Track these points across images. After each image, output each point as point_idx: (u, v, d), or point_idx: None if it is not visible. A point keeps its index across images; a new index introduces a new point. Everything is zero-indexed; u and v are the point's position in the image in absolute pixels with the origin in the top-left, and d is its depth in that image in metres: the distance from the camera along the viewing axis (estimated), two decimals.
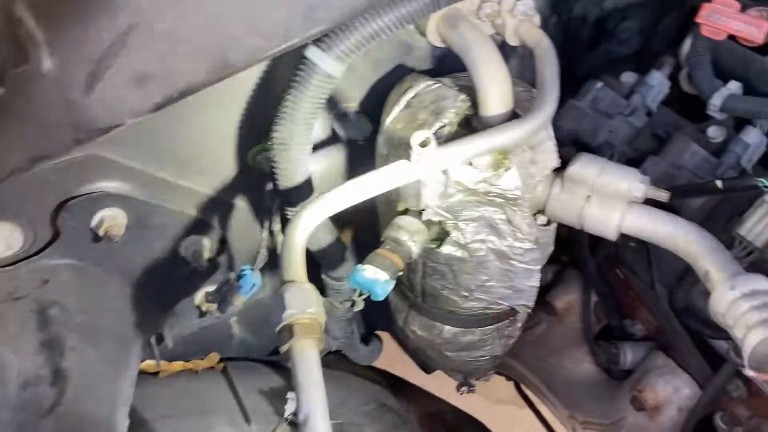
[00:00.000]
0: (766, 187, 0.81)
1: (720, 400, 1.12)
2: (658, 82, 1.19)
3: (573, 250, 1.33)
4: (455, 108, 0.87)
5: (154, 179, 0.92)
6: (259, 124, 0.95)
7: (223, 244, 1.04)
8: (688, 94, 1.20)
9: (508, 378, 1.55)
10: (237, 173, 0.99)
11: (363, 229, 1.15)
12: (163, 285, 1.03)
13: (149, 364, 1.13)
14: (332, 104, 0.99)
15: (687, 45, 1.17)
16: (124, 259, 0.96)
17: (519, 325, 1.10)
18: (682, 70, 1.20)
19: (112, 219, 0.89)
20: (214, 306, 1.01)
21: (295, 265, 0.74)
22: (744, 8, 0.94)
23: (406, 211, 0.88)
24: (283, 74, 0.92)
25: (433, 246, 0.89)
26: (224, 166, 0.97)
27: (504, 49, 1.02)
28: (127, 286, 0.99)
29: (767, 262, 1.03)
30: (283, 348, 0.69)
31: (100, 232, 0.88)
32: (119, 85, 0.63)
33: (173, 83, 0.66)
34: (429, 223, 0.87)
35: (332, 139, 1.04)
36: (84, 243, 0.91)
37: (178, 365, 1.19)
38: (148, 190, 0.92)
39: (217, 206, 1.00)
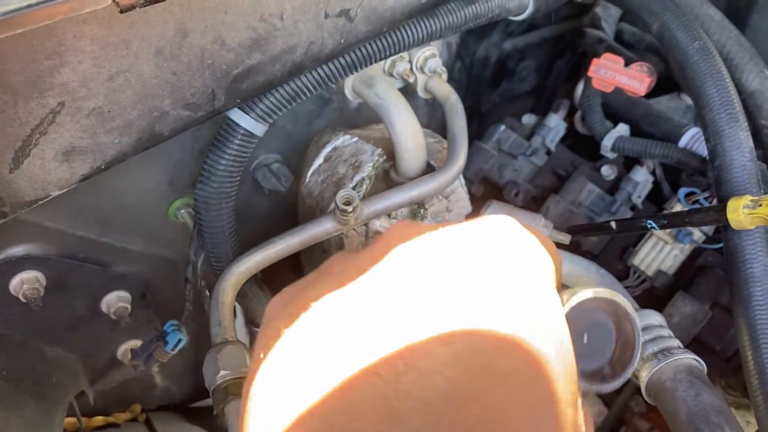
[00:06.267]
0: (653, 227, 0.90)
1: (624, 415, 1.21)
2: (555, 124, 1.29)
3: None
4: (373, 162, 0.91)
5: (75, 238, 0.91)
6: (180, 179, 0.96)
7: (145, 298, 1.03)
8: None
9: None
10: (158, 227, 0.99)
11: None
12: (84, 342, 1.02)
13: (69, 421, 1.10)
14: (254, 156, 1.01)
15: (580, 90, 1.27)
16: (44, 320, 0.94)
17: None
18: (577, 113, 1.30)
19: (31, 281, 0.88)
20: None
21: (225, 325, 0.76)
22: (627, 63, 1.04)
23: None
24: (203, 131, 0.94)
25: None
26: (145, 221, 0.97)
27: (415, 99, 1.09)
28: (47, 348, 0.97)
29: (658, 289, 1.14)
30: (218, 409, 0.70)
31: (20, 296, 0.87)
32: (47, 160, 0.64)
33: (101, 156, 0.67)
34: None
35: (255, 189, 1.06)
36: (1, 308, 0.89)
37: (99, 420, 1.16)
38: (68, 250, 0.91)
39: (139, 260, 1.00)
